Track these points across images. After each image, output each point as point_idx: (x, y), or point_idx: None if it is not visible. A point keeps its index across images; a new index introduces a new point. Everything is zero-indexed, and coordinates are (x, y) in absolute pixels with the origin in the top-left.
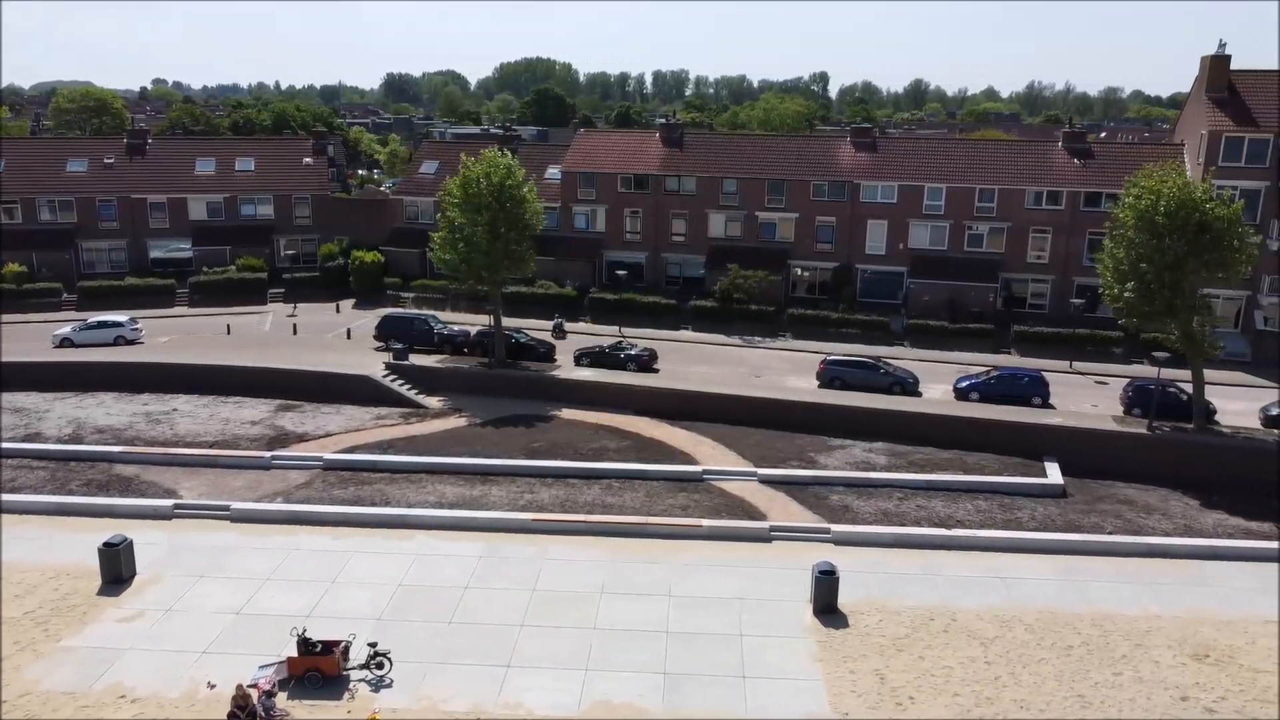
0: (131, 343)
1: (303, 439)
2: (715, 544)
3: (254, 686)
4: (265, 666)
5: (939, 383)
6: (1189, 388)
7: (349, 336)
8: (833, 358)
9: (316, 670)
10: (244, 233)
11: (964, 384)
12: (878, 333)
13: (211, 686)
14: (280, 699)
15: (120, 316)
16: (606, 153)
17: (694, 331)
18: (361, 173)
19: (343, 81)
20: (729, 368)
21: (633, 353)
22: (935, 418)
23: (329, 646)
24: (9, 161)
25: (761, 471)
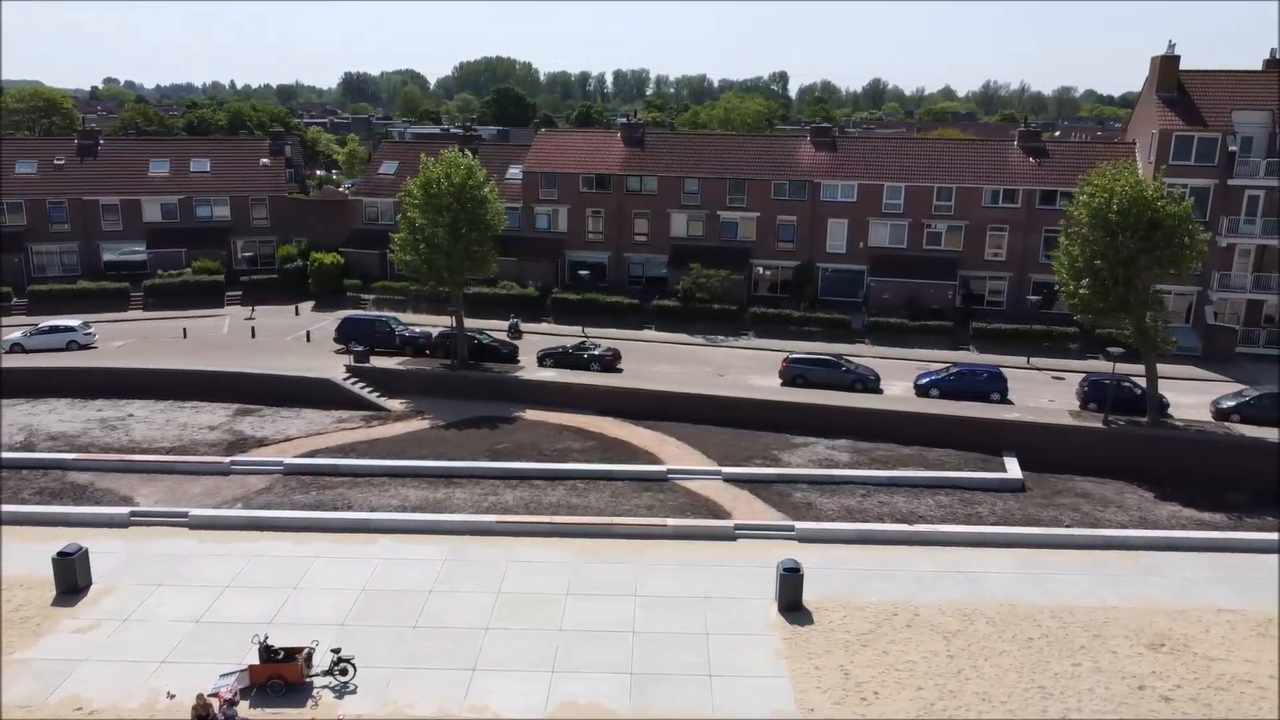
0: (84, 347)
1: (262, 443)
2: (680, 543)
3: (215, 696)
4: (226, 675)
5: (900, 380)
6: (1143, 382)
7: (308, 339)
8: (795, 356)
9: (279, 678)
10: (200, 235)
11: (924, 381)
12: (839, 331)
13: (171, 697)
14: (242, 708)
15: (72, 321)
16: (568, 152)
17: (657, 331)
18: (320, 173)
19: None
20: (692, 367)
21: (596, 353)
22: (897, 415)
23: (291, 653)
24: None
25: (726, 470)
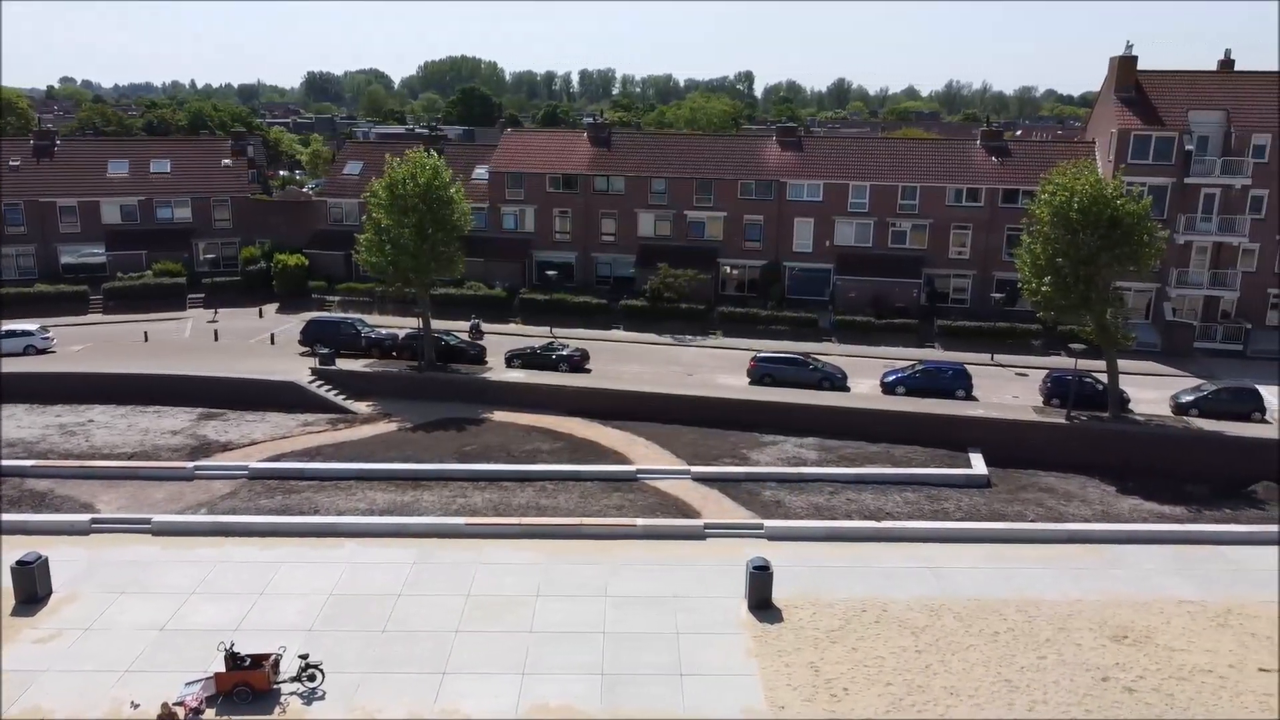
0: (42, 352)
1: (227, 448)
2: (650, 543)
3: (180, 704)
4: (192, 683)
5: (866, 378)
6: (1104, 378)
7: (273, 342)
8: (763, 355)
9: (246, 685)
10: (161, 236)
11: (891, 378)
12: (806, 329)
13: (135, 706)
14: (208, 716)
15: (30, 325)
16: (534, 152)
17: (625, 331)
18: (283, 174)
19: (261, 80)
20: (661, 367)
21: (564, 353)
22: (864, 412)
23: (258, 660)
24: None
25: (695, 469)
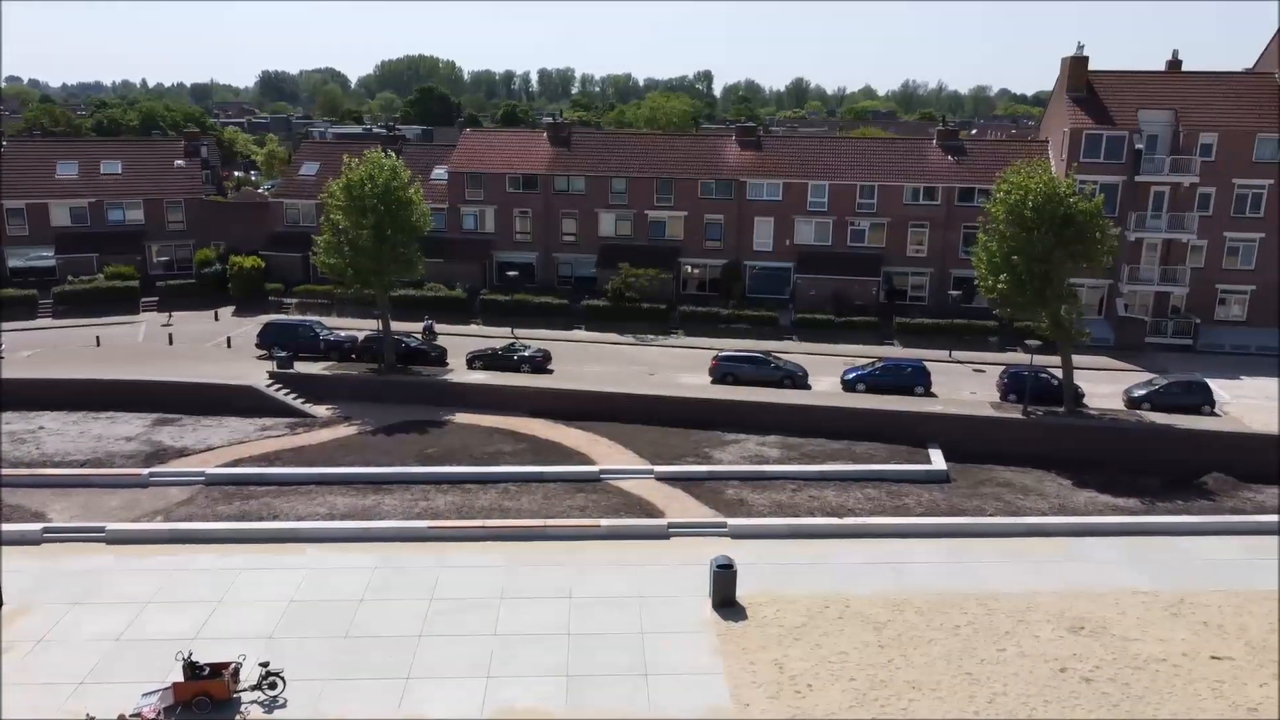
0: None
1: (183, 454)
2: (614, 543)
3: (138, 716)
4: (149, 694)
5: (827, 375)
6: (1059, 373)
7: (229, 345)
8: (724, 354)
9: (205, 695)
10: (112, 239)
11: (851, 375)
12: (767, 328)
13: (91, 719)
14: None
15: None
16: (494, 152)
17: (587, 331)
18: (238, 174)
19: (215, 79)
20: (623, 366)
21: (526, 354)
22: (825, 410)
23: (217, 669)
24: None
25: (658, 469)
